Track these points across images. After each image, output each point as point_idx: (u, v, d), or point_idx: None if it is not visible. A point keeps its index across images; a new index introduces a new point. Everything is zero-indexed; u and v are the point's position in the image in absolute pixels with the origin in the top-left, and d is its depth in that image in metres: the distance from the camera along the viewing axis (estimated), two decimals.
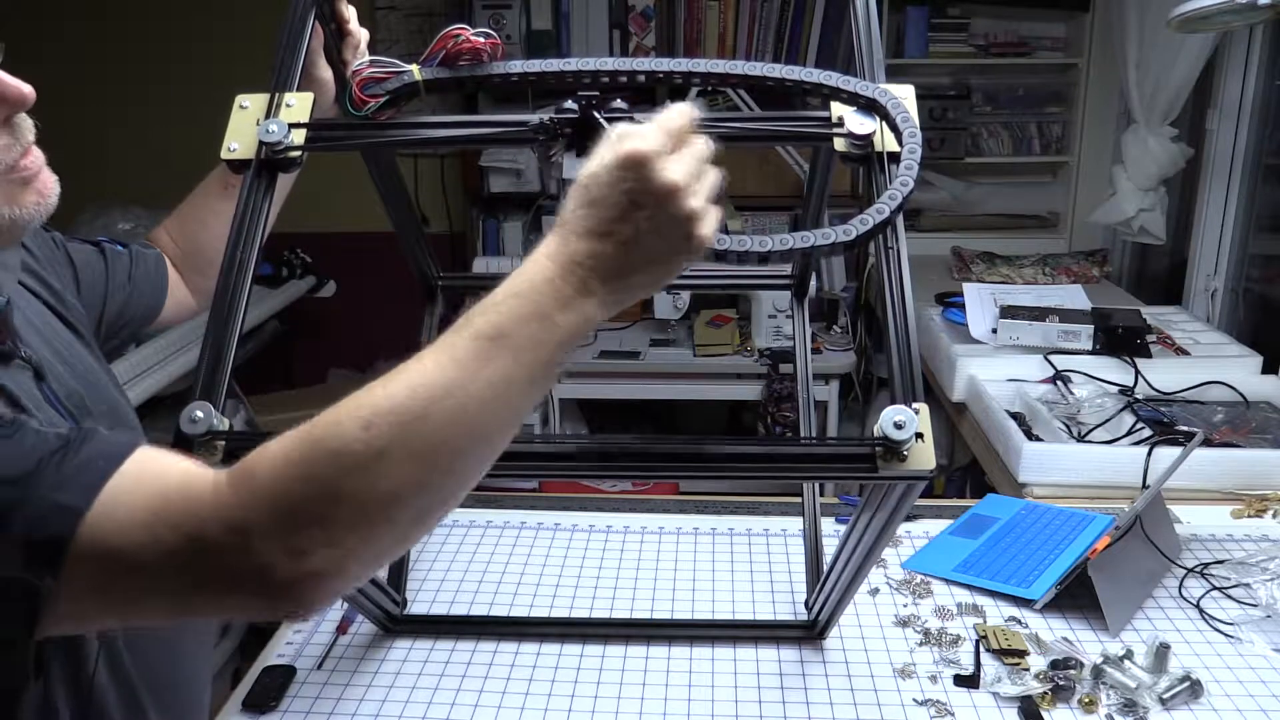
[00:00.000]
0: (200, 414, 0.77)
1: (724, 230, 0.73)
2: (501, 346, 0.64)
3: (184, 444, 0.77)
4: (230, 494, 0.62)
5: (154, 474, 0.65)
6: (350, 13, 1.06)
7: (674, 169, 0.67)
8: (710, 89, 3.09)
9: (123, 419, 0.98)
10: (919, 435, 0.76)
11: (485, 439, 0.65)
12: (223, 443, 0.77)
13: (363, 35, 1.07)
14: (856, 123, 0.88)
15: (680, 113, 0.70)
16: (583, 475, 2.56)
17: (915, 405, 0.76)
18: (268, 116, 0.92)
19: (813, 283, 2.17)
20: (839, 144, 0.89)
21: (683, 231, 0.68)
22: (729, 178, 0.73)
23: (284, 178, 0.96)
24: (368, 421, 0.61)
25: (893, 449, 0.76)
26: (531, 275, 0.67)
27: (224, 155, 0.91)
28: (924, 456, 0.76)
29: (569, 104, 0.89)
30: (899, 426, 0.75)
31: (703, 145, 0.71)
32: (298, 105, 0.93)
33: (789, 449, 0.86)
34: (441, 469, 0.63)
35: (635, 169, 0.66)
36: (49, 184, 0.80)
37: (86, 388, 0.92)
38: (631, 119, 0.89)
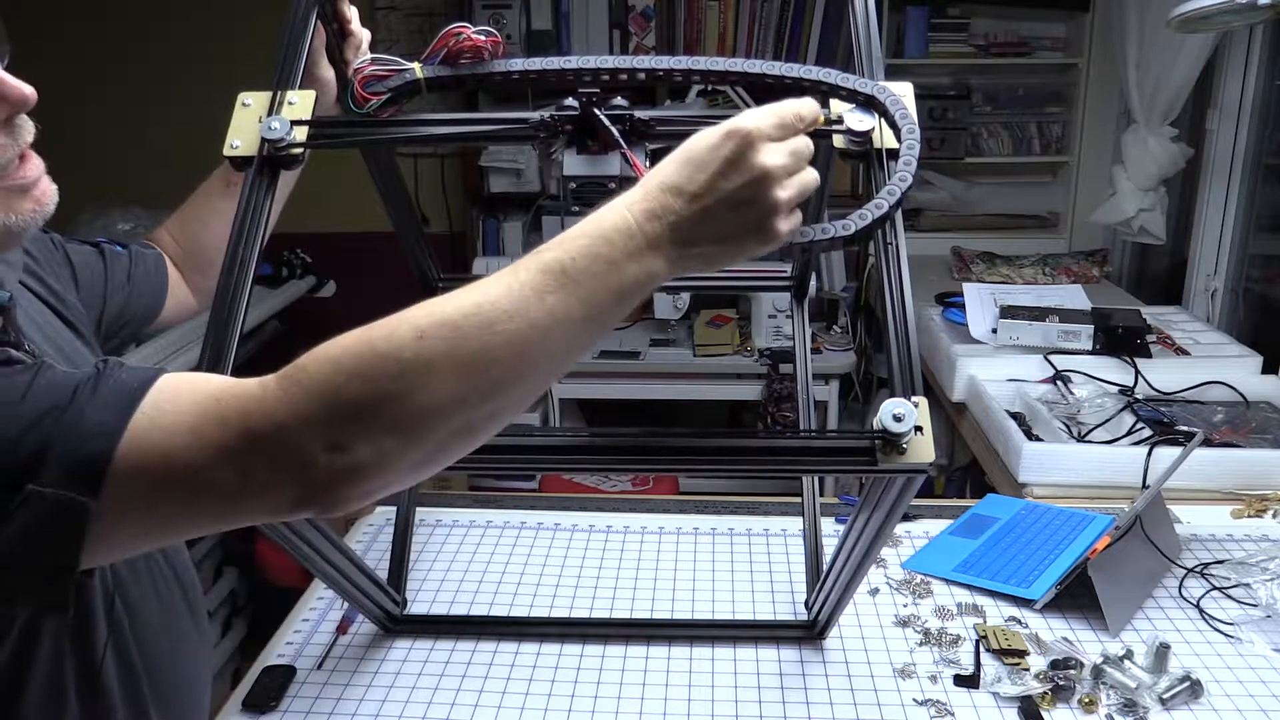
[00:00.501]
0: None
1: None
2: (564, 282, 0.66)
3: None
4: (278, 389, 0.64)
5: (192, 385, 0.67)
6: (352, 13, 1.06)
7: (773, 154, 0.70)
8: (709, 88, 3.09)
9: None
10: (918, 428, 0.76)
11: (533, 368, 0.66)
12: None
13: (364, 35, 1.08)
14: (855, 120, 0.88)
15: (797, 106, 0.73)
16: (583, 468, 2.56)
17: (915, 399, 0.76)
18: (270, 114, 0.92)
19: (813, 283, 2.16)
20: (838, 141, 0.89)
21: (761, 218, 0.70)
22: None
23: (286, 177, 0.96)
24: (422, 330, 0.63)
25: (892, 442, 0.76)
26: (607, 220, 0.68)
27: (226, 152, 0.91)
28: (923, 449, 0.76)
29: (570, 101, 0.89)
30: (898, 419, 0.75)
31: (806, 144, 0.73)
32: (300, 103, 0.93)
33: (788, 442, 0.86)
34: (484, 389, 0.64)
35: (737, 141, 0.69)
36: (47, 192, 0.80)
37: None
38: (631, 116, 0.89)
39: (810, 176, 0.73)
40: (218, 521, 0.68)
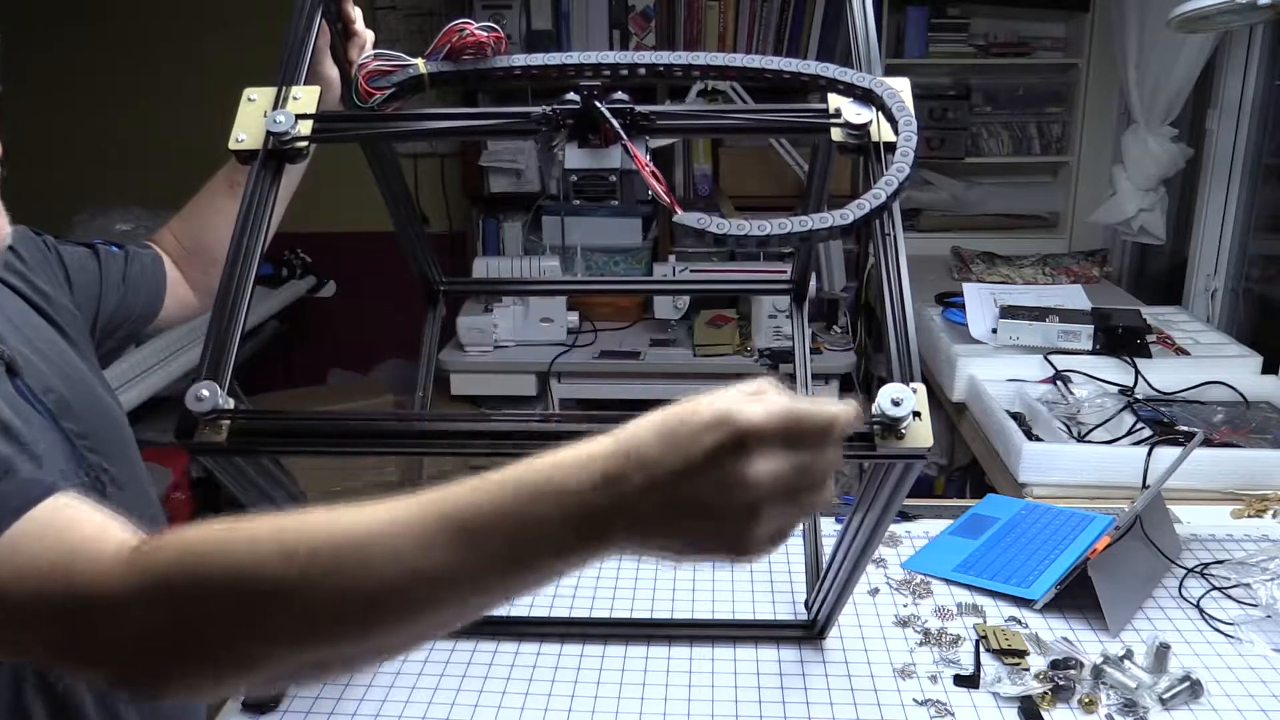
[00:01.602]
0: (206, 393, 0.77)
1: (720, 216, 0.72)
2: (464, 537, 0.55)
3: (190, 422, 0.77)
4: (128, 568, 0.59)
5: (62, 525, 0.63)
6: (356, 13, 1.08)
7: (769, 464, 0.54)
8: (710, 89, 3.09)
9: (110, 420, 0.98)
10: (916, 414, 0.76)
11: (406, 622, 0.58)
12: (228, 421, 0.78)
13: (368, 36, 1.09)
14: (853, 113, 0.89)
15: (825, 411, 0.56)
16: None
17: (913, 385, 0.77)
18: (275, 109, 0.92)
19: (813, 282, 2.15)
20: (836, 134, 0.90)
21: (735, 531, 0.56)
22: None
23: (291, 175, 0.96)
24: (289, 553, 0.56)
25: (890, 426, 0.76)
26: (548, 472, 0.56)
27: (232, 145, 0.92)
28: (921, 435, 0.76)
29: (571, 96, 0.90)
30: (896, 403, 0.75)
31: (824, 460, 0.57)
32: (304, 98, 0.94)
33: None
34: (337, 635, 0.57)
35: (725, 435, 0.54)
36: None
37: (69, 386, 0.92)
38: (633, 110, 0.89)
39: (817, 499, 0.57)
40: (41, 667, 0.66)
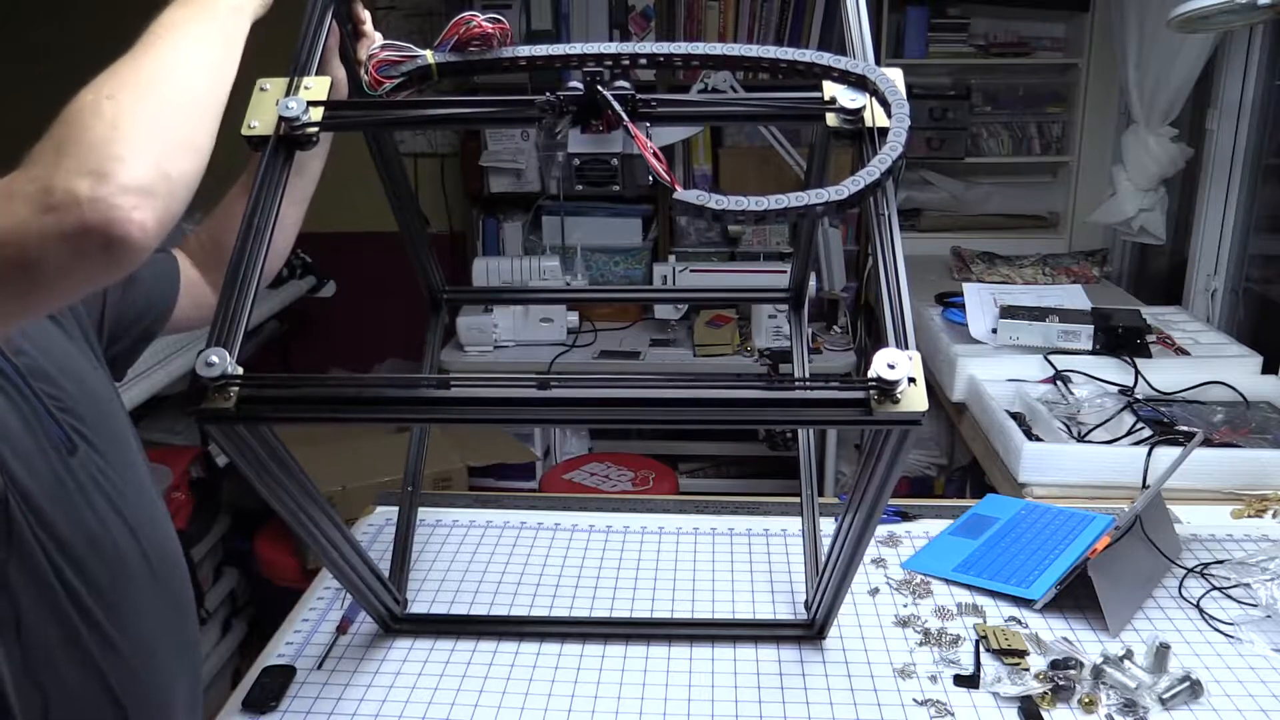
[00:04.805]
0: (215, 359, 0.78)
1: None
2: (175, 31, 0.81)
3: (199, 389, 0.78)
4: (24, 169, 0.71)
5: None
6: (366, 15, 1.09)
7: None
8: (709, 87, 3.10)
9: (89, 391, 0.97)
10: (911, 380, 0.76)
11: (189, 87, 0.80)
12: (237, 388, 0.78)
13: (377, 38, 1.10)
14: (848, 98, 0.90)
15: None
16: (578, 422, 2.60)
17: (908, 352, 0.77)
18: (287, 96, 0.94)
19: (813, 282, 2.15)
20: (831, 119, 0.91)
21: None
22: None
23: (305, 178, 0.96)
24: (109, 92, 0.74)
25: (886, 391, 0.76)
26: None
27: (244, 132, 0.93)
28: (917, 400, 0.77)
29: (574, 83, 0.91)
30: (891, 366, 0.76)
31: None
32: (315, 87, 0.96)
33: (784, 394, 0.86)
34: (163, 105, 0.76)
35: None
36: None
37: (44, 355, 0.93)
38: (634, 96, 0.91)
39: None
40: (32, 295, 0.72)
